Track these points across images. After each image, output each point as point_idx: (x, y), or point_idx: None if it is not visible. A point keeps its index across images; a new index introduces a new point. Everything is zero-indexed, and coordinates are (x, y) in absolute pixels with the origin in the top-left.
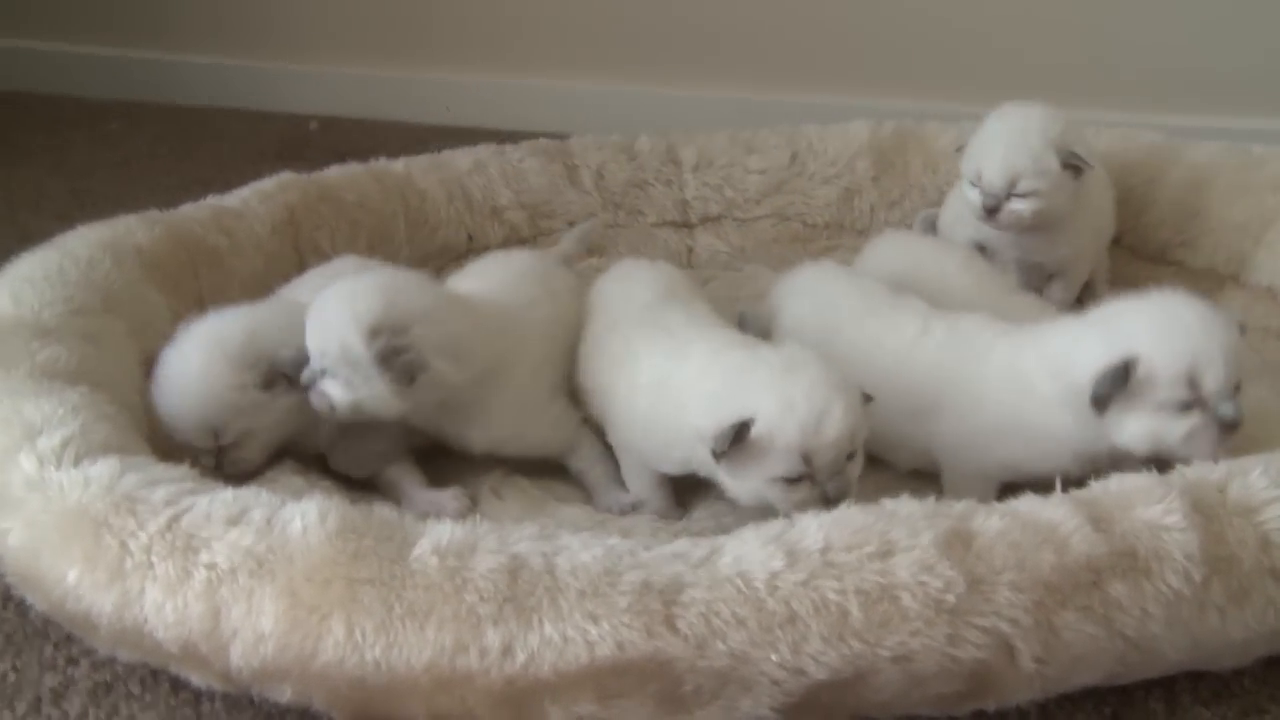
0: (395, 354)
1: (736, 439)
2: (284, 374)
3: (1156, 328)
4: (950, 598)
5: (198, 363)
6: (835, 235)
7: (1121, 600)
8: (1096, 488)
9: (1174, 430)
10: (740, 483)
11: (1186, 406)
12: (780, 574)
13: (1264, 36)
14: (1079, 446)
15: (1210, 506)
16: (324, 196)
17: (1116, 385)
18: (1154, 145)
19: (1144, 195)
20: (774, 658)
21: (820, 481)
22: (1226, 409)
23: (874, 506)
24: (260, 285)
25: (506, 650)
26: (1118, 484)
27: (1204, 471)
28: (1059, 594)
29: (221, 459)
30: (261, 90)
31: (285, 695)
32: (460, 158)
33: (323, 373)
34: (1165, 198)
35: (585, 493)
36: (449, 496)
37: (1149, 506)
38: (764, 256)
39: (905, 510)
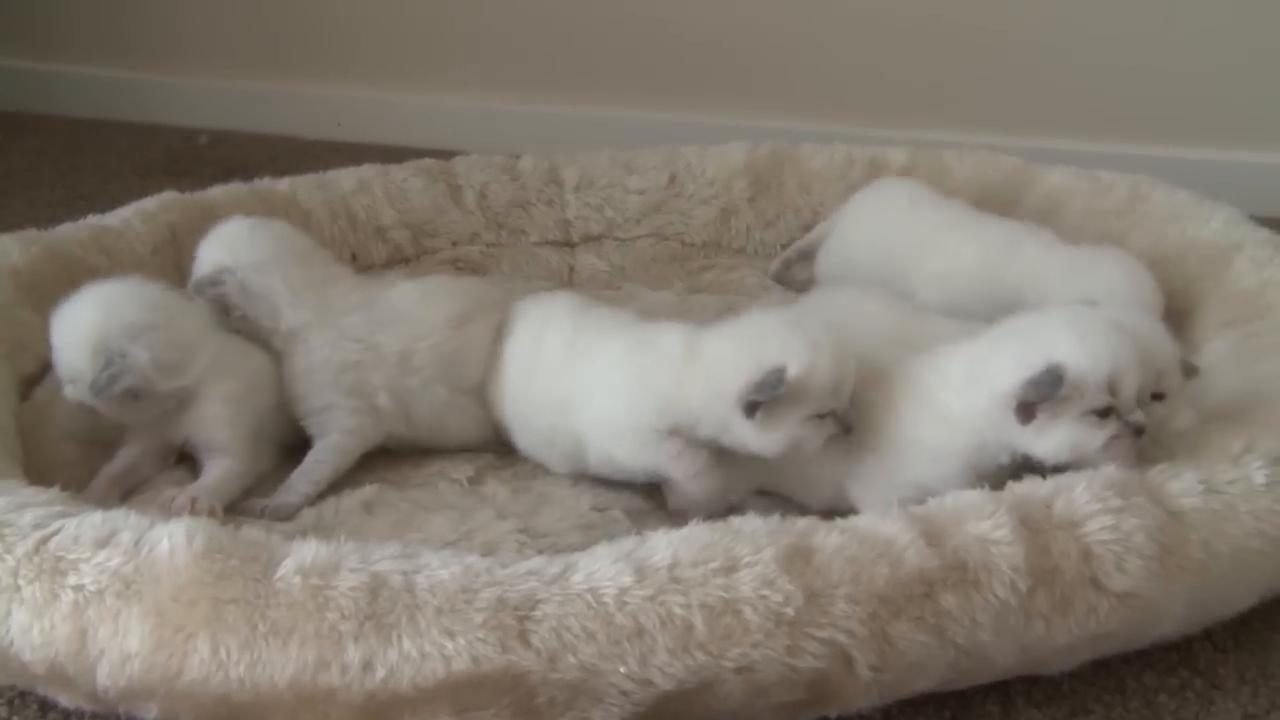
0: (112, 380)
1: (774, 386)
2: None
3: (1077, 336)
4: (789, 611)
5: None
6: (712, 255)
7: (952, 611)
8: (932, 504)
9: (1095, 438)
10: (772, 433)
11: (1104, 414)
12: (629, 589)
13: (1116, 60)
14: (979, 463)
15: (1036, 521)
16: (207, 216)
17: (1050, 390)
18: (1013, 169)
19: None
20: (623, 670)
21: (841, 414)
22: (1138, 416)
23: (721, 524)
24: None
25: (367, 666)
26: (952, 500)
27: (1031, 488)
28: (893, 606)
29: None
30: (151, 103)
31: (152, 713)
32: (345, 178)
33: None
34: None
35: (454, 506)
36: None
37: (979, 522)
38: (643, 276)
39: (750, 527)
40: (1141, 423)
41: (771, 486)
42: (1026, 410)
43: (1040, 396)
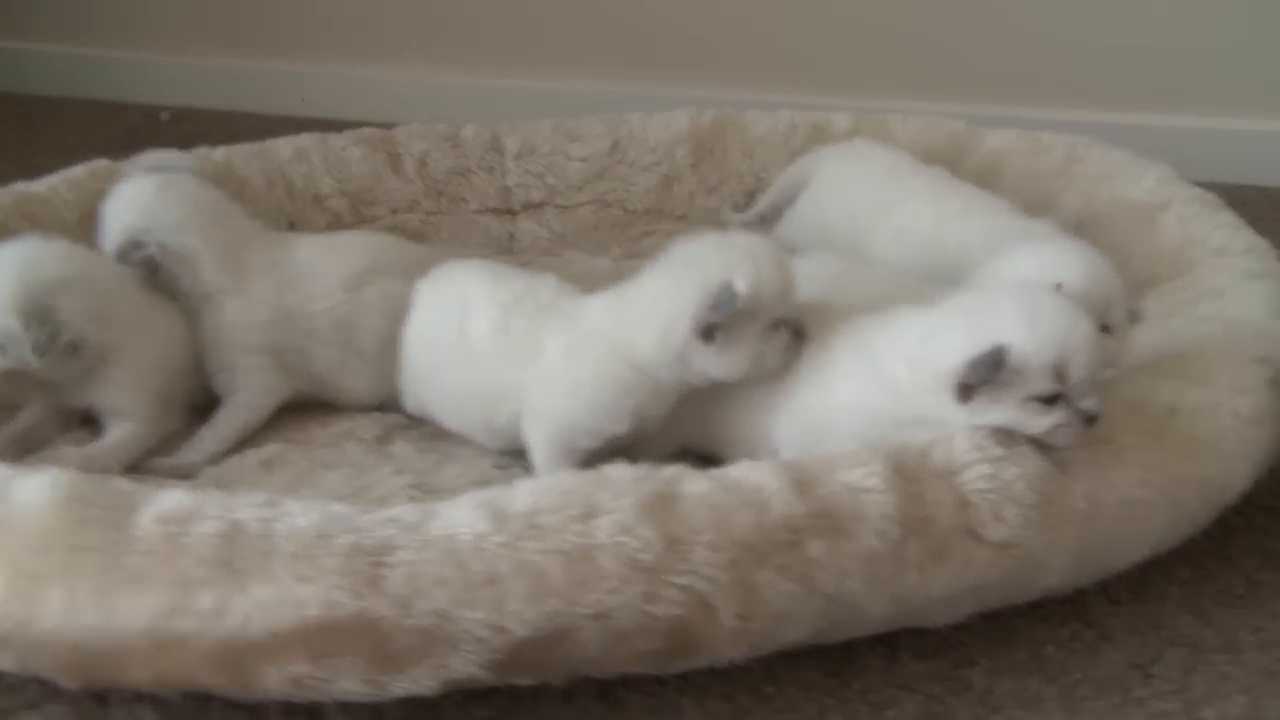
0: (53, 337)
1: (728, 304)
2: None
3: (1025, 317)
4: (647, 557)
5: None
6: (654, 221)
7: (820, 559)
8: (808, 455)
9: (1035, 425)
10: (733, 353)
11: (1051, 399)
12: (486, 536)
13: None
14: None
15: (912, 469)
16: None
17: (990, 373)
18: (954, 132)
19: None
20: (476, 616)
21: (791, 320)
22: (1090, 403)
23: (590, 472)
24: None
25: (219, 612)
26: (828, 451)
27: (913, 437)
28: (757, 553)
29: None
30: (115, 81)
31: (8, 664)
32: (282, 146)
33: None
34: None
35: (355, 465)
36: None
37: (851, 470)
38: (584, 242)
39: (617, 475)
40: (1094, 410)
41: (705, 448)
42: (965, 391)
43: (979, 379)
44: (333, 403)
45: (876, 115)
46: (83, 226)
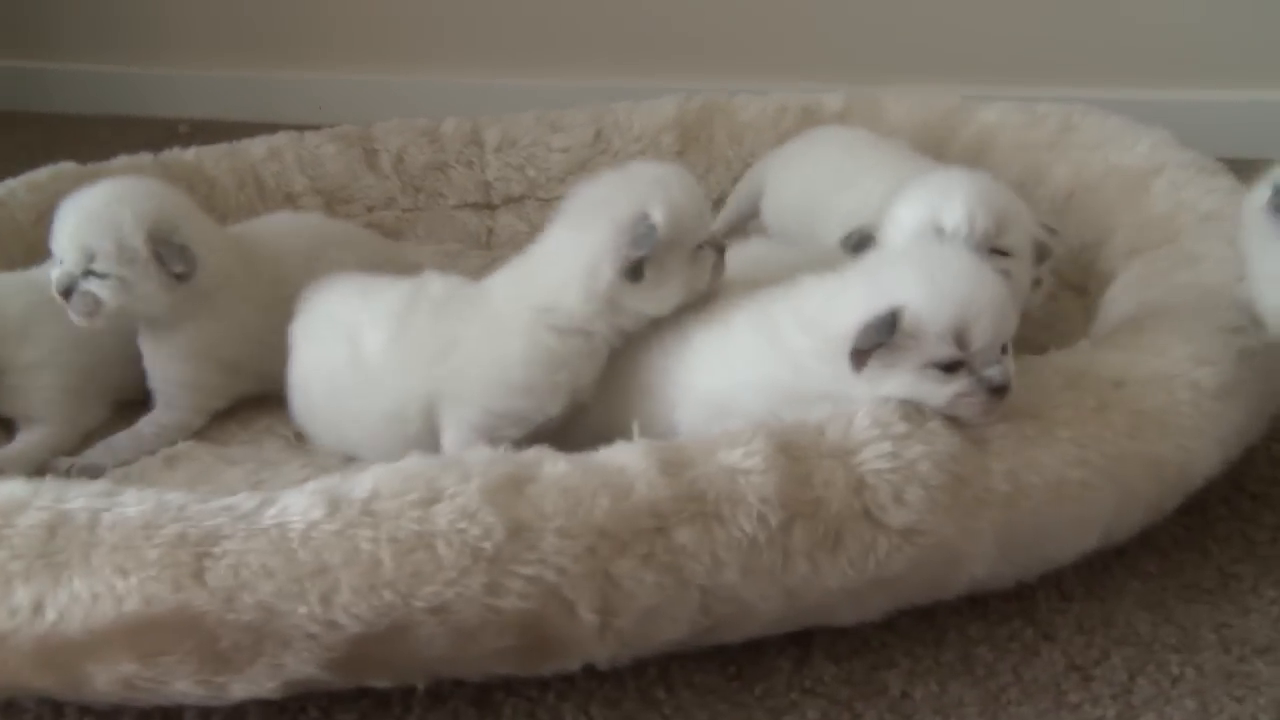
0: (173, 250)
1: (648, 236)
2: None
3: (923, 277)
4: (488, 546)
5: None
6: None
7: (689, 547)
8: (690, 435)
9: (938, 392)
10: (664, 286)
11: (952, 367)
12: (318, 524)
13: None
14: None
15: (800, 448)
16: None
17: (879, 337)
18: (948, 108)
19: (936, 158)
20: (303, 610)
21: (710, 240)
22: (994, 372)
23: (443, 456)
24: None
25: (37, 608)
26: (711, 430)
27: (809, 414)
28: (615, 541)
29: None
30: (135, 96)
31: None
32: (256, 145)
33: (87, 275)
34: (953, 158)
35: (268, 461)
36: None
37: (731, 450)
38: None
39: (472, 457)
40: (999, 380)
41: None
42: (858, 357)
43: (868, 342)
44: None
45: (869, 94)
46: (38, 229)
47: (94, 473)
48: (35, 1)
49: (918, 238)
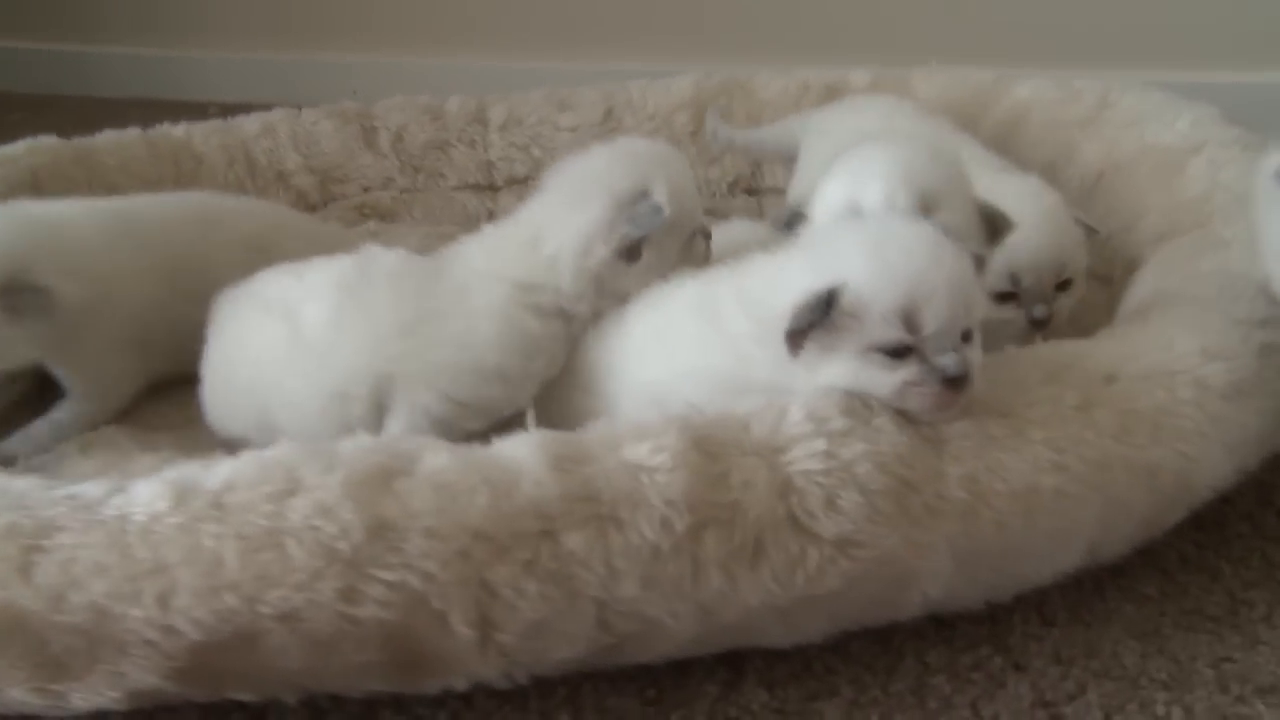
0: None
1: (652, 216)
2: None
3: (870, 253)
4: (344, 546)
5: None
6: None
7: (580, 554)
8: (594, 427)
9: (883, 381)
10: (652, 266)
11: (900, 352)
12: (161, 516)
13: None
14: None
15: (719, 444)
16: (79, 160)
17: (813, 316)
18: (980, 85)
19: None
20: (138, 613)
21: (700, 227)
22: (948, 360)
23: (315, 444)
24: None
25: None
26: (623, 422)
27: (738, 406)
28: (493, 545)
29: None
30: (169, 80)
31: None
32: (250, 122)
33: None
34: (983, 138)
35: (184, 445)
36: None
37: (637, 444)
38: None
39: (347, 446)
40: (953, 369)
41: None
42: (794, 339)
43: (802, 322)
44: None
45: (897, 72)
46: None
47: (6, 461)
48: None
49: (839, 217)
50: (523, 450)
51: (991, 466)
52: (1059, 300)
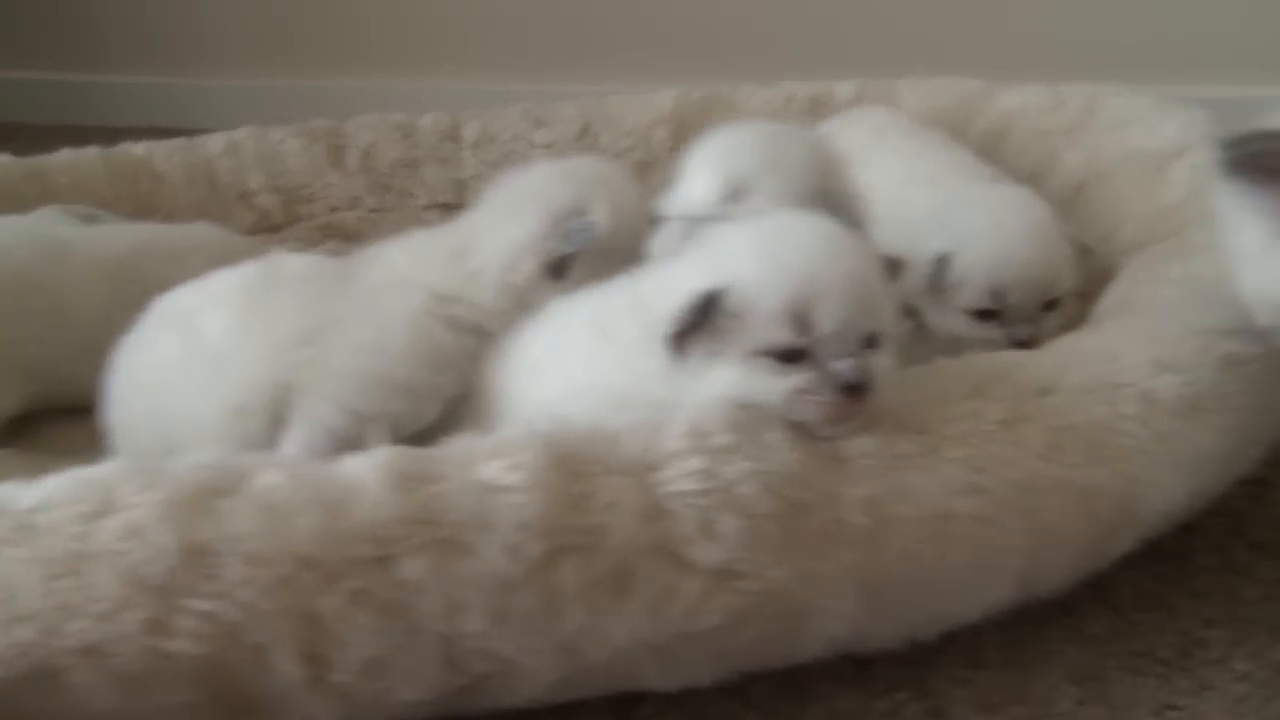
0: None
1: (585, 233)
2: None
3: (758, 250)
4: (155, 572)
5: None
6: None
7: (419, 583)
8: (453, 443)
9: (771, 387)
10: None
11: (791, 357)
12: None
13: None
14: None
15: (583, 462)
16: (31, 178)
17: (694, 318)
18: (966, 95)
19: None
20: None
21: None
22: (843, 365)
23: (147, 462)
24: None
25: None
26: (481, 439)
27: (608, 420)
28: (321, 572)
29: None
30: (176, 108)
31: None
32: (215, 140)
33: None
34: (968, 148)
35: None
36: None
37: (489, 462)
38: None
39: (177, 463)
40: (850, 376)
41: None
42: (675, 344)
43: (681, 324)
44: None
45: (883, 82)
46: None
47: None
48: (88, 19)
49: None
50: (364, 467)
51: (898, 488)
52: (1046, 320)
